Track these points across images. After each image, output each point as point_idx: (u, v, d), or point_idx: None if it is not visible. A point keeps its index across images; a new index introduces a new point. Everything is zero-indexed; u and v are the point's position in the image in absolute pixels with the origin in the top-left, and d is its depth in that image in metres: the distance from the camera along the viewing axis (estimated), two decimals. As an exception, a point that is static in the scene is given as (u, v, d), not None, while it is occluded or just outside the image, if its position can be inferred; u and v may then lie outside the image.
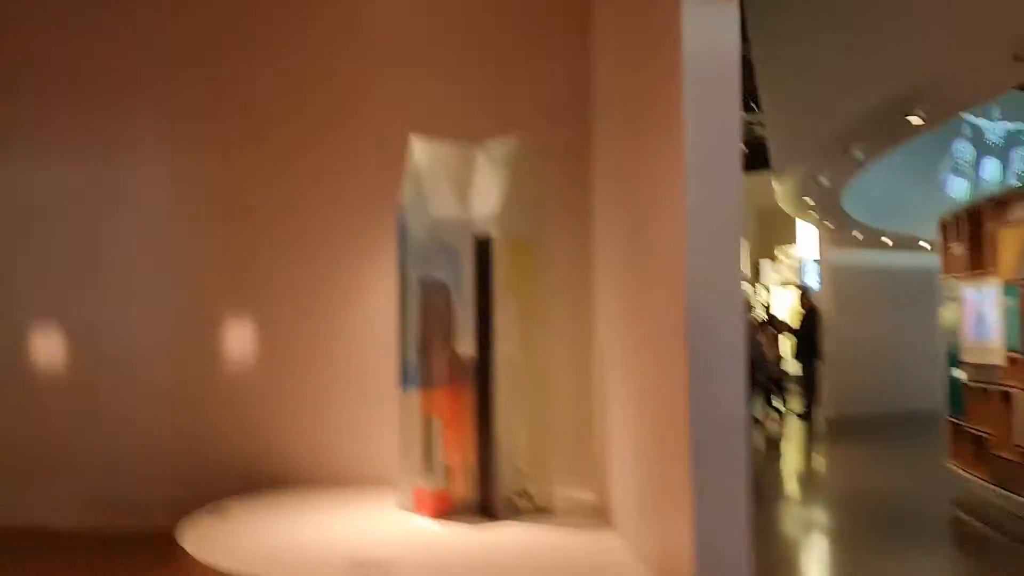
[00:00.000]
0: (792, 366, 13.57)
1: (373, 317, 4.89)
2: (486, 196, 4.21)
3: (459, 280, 4.21)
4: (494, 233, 4.09)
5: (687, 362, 2.64)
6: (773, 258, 20.45)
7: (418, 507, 4.12)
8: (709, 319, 2.68)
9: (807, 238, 17.85)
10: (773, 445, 11.20)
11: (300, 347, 5.01)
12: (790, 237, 19.86)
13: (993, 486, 6.65)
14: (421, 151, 4.26)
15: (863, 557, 5.78)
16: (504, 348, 4.08)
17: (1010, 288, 6.39)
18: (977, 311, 7.06)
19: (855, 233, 12.18)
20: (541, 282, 4.28)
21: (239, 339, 5.06)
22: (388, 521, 4.04)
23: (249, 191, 5.09)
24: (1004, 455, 6.47)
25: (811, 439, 12.12)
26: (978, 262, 7.04)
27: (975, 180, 13.00)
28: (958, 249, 7.41)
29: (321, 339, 5.00)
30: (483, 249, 4.16)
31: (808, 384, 13.37)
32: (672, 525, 2.82)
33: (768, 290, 20.02)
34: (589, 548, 3.58)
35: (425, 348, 4.22)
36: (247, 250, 5.06)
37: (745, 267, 20.94)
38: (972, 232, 7.17)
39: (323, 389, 4.96)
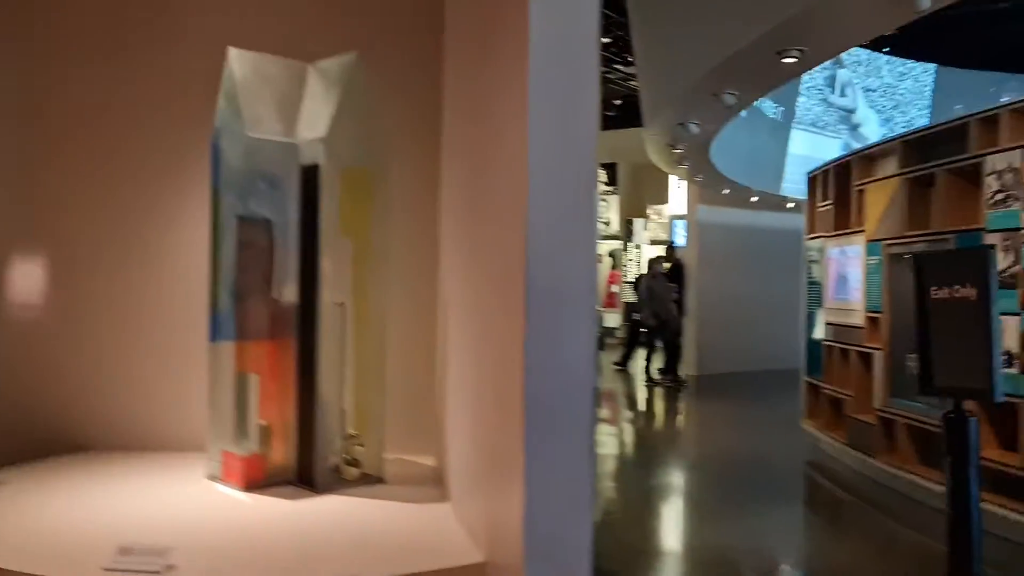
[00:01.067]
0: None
1: (186, 256, 4.20)
2: (315, 118, 3.62)
3: (283, 216, 3.63)
4: (323, 161, 3.52)
5: (524, 312, 2.19)
6: (645, 216, 20.50)
7: (226, 476, 3.56)
8: (552, 266, 2.23)
9: (679, 196, 17.93)
10: (641, 402, 11.15)
11: (99, 288, 4.26)
12: (662, 196, 19.95)
13: (849, 448, 6.63)
14: (239, 62, 3.61)
15: (712, 519, 5.62)
16: (333, 295, 3.54)
17: (873, 247, 6.29)
18: (840, 271, 6.99)
19: (724, 190, 12.12)
20: (379, 219, 3.74)
21: (25, 276, 4.26)
22: (188, 494, 3.44)
23: (47, 103, 4.25)
24: (861, 417, 6.43)
25: (673, 398, 12.13)
26: (843, 221, 6.95)
27: (847, 137, 13.21)
28: (825, 207, 7.31)
29: (124, 280, 4.27)
30: (310, 179, 3.58)
31: (673, 340, 13.37)
32: (503, 496, 2.39)
33: (639, 248, 20.08)
34: (416, 524, 3.11)
35: (241, 294, 3.61)
36: (40, 170, 4.24)
37: (617, 224, 21.03)
38: (839, 190, 7.07)
39: (125, 340, 4.25)
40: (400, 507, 3.31)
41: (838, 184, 7.06)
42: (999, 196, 4.90)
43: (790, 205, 13.17)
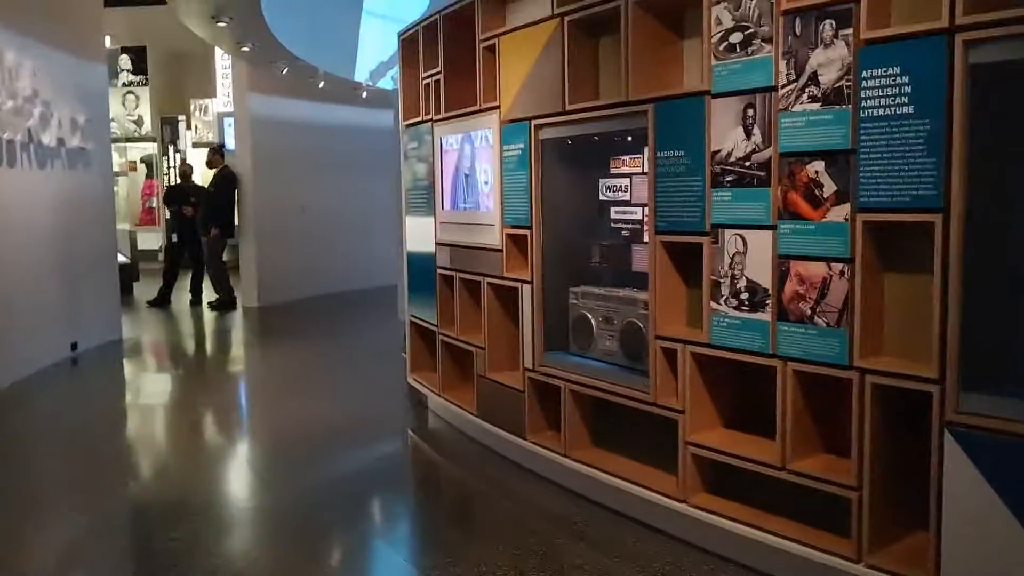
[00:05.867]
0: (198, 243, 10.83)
1: None
2: None
3: None
4: None
5: None
6: (187, 113, 16.89)
7: None
8: None
9: (229, 88, 14.76)
10: (188, 346, 8.26)
11: None
12: (207, 88, 16.50)
13: (483, 421, 4.66)
14: None
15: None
16: None
17: (514, 129, 4.22)
18: (461, 168, 4.86)
19: (283, 69, 9.37)
20: None
21: None
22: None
23: None
24: (500, 379, 4.46)
25: (227, 338, 9.43)
26: (463, 95, 4.79)
27: None
28: (431, 77, 5.09)
29: None
30: None
31: (214, 266, 10.70)
32: None
33: (182, 153, 16.51)
34: None
35: None
36: None
37: (151, 124, 17.11)
38: (453, 49, 4.88)
39: None
40: None
41: (452, 40, 4.86)
42: (735, 37, 3.03)
43: (364, 94, 10.89)
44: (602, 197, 4.10)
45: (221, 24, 7.20)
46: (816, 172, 2.81)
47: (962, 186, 2.43)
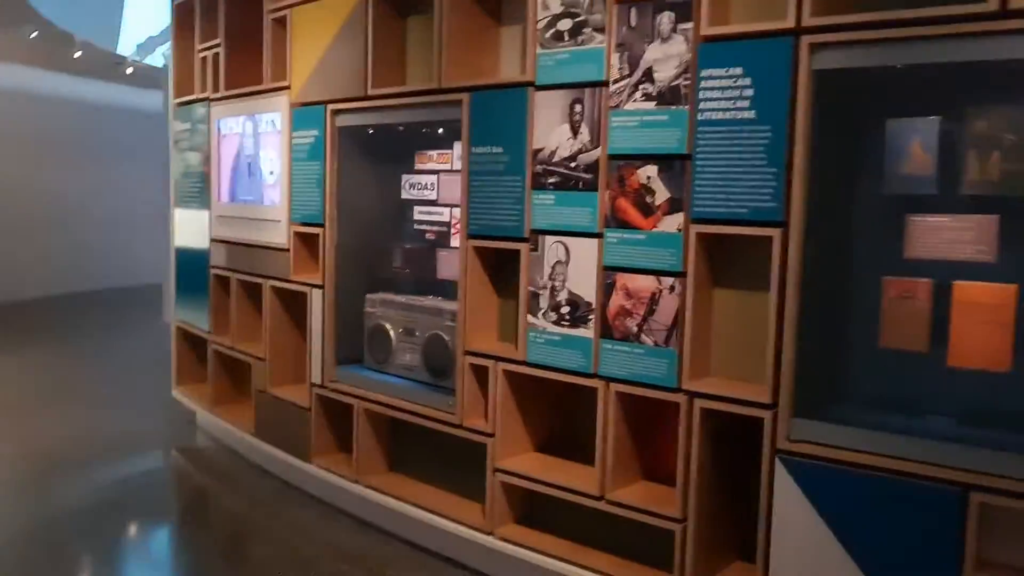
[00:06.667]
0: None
1: None
2: None
3: None
4: None
5: None
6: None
7: None
8: None
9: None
10: None
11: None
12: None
13: (262, 442, 4.12)
14: None
15: None
16: None
17: (307, 114, 3.73)
18: (242, 155, 4.29)
19: (32, 33, 8.17)
20: None
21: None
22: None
23: None
24: (283, 395, 3.94)
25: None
26: (247, 72, 4.23)
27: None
28: (208, 50, 4.46)
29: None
30: None
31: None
32: None
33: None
34: None
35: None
36: None
37: None
38: (237, 19, 4.30)
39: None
40: None
41: (235, 8, 4.28)
42: (563, 24, 2.75)
43: (129, 71, 9.78)
44: (404, 195, 3.71)
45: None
46: (648, 177, 2.59)
47: (803, 199, 2.27)
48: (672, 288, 2.55)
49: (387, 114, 3.40)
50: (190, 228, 4.83)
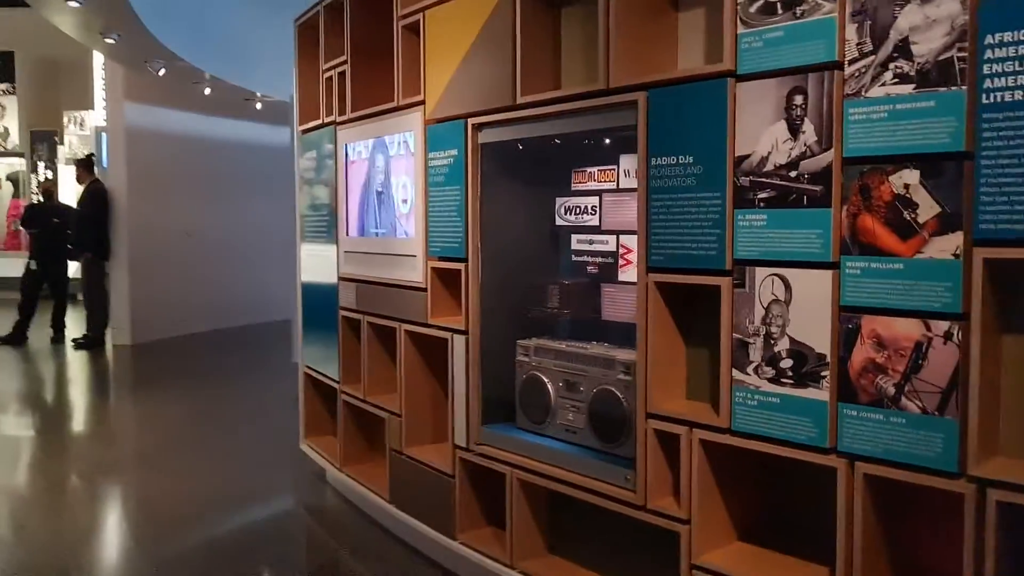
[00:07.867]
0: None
1: None
2: None
3: None
4: None
5: None
6: (61, 127, 15.25)
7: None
8: None
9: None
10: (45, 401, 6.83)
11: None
12: (85, 99, 14.93)
13: (397, 509, 3.60)
14: None
15: None
16: None
17: (443, 132, 3.22)
18: (372, 183, 3.83)
19: (159, 69, 8.11)
20: None
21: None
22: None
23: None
24: (423, 458, 3.41)
25: (100, 383, 8.05)
26: (377, 90, 3.78)
27: None
28: (335, 68, 4.05)
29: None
30: None
31: (94, 295, 9.36)
32: None
33: (55, 170, 14.89)
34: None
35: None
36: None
37: (18, 137, 15.39)
38: (364, 31, 3.87)
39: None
40: None
41: (362, 19, 3.85)
42: (773, -6, 2.12)
43: (259, 106, 9.72)
44: (559, 222, 3.13)
45: (73, 3, 5.97)
46: (906, 186, 1.91)
47: None
48: (948, 335, 1.85)
49: (540, 125, 2.84)
50: (316, 264, 4.42)
